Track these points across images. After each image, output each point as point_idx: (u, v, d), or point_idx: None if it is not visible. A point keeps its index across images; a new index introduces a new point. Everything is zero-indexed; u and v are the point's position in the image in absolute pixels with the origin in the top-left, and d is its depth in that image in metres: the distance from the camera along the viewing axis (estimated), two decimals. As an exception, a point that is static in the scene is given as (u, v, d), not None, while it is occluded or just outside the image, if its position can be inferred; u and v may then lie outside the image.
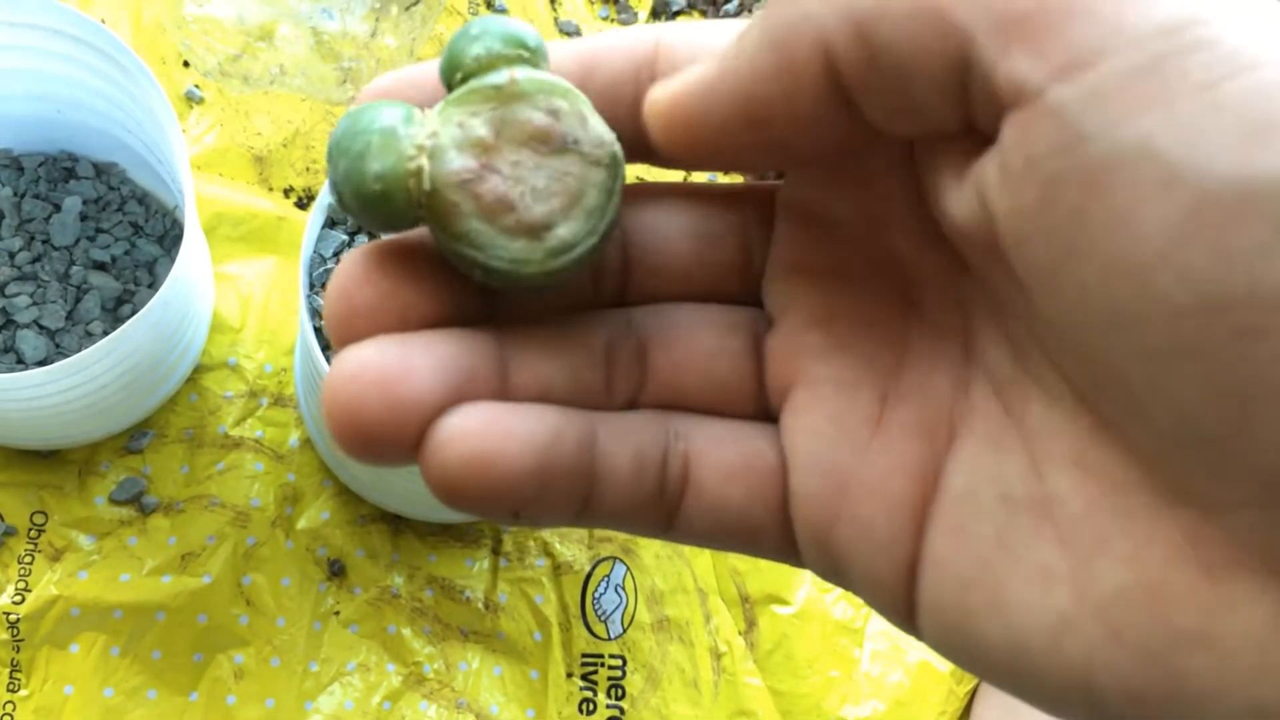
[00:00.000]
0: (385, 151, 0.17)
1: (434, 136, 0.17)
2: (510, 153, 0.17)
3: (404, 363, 0.17)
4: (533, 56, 0.18)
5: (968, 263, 0.18)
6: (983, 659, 0.17)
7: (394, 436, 0.16)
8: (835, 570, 0.19)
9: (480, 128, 0.17)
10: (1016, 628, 0.16)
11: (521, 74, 0.17)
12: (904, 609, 0.18)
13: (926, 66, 0.15)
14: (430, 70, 0.19)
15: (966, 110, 0.15)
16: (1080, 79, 0.14)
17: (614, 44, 0.19)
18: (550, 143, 0.18)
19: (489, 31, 0.18)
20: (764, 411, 0.20)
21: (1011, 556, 0.16)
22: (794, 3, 0.16)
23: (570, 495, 0.18)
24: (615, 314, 0.20)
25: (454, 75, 0.18)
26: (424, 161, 0.17)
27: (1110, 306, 0.14)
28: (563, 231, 0.18)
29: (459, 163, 0.17)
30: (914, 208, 0.19)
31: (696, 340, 0.20)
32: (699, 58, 0.18)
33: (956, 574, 0.17)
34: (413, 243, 0.19)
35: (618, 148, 0.18)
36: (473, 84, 0.17)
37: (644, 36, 0.19)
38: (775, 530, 0.19)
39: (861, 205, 0.19)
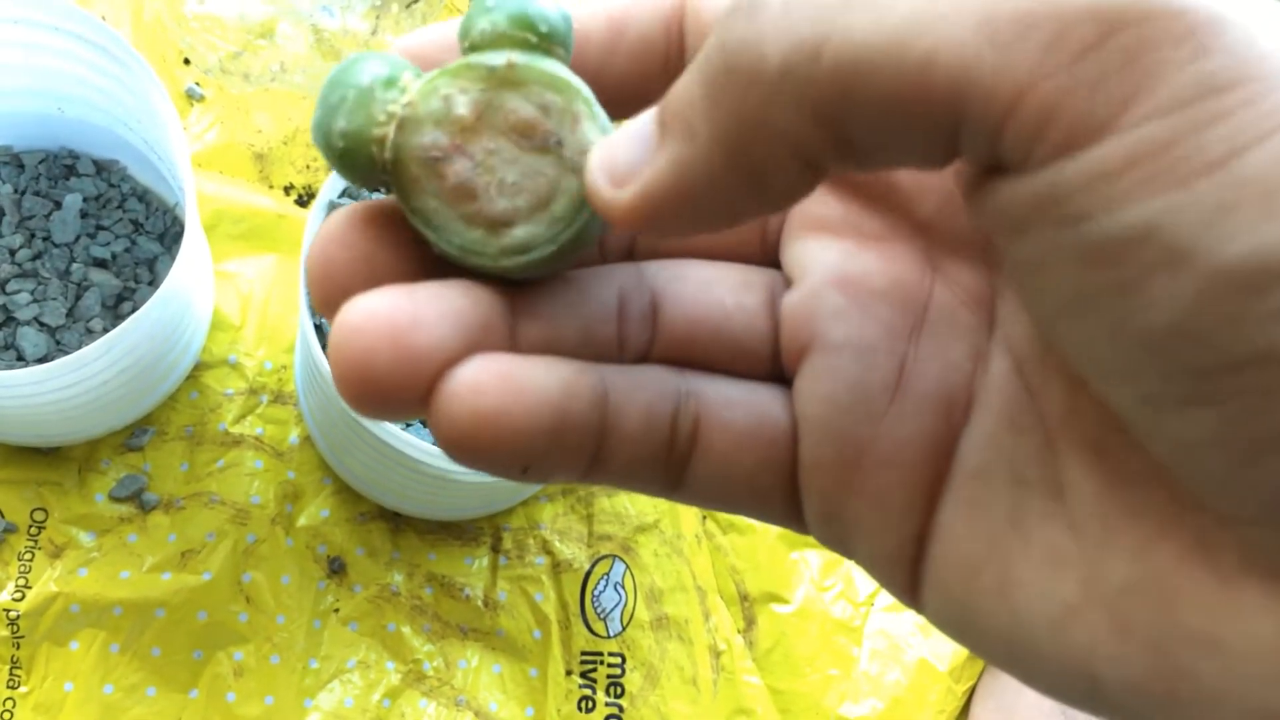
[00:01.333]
0: (356, 111, 0.17)
1: (410, 106, 0.17)
2: (488, 139, 0.17)
3: (414, 311, 0.16)
4: (542, 41, 0.17)
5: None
6: (986, 639, 0.17)
7: (404, 387, 0.16)
8: (841, 540, 0.19)
9: (463, 106, 0.17)
10: (1022, 611, 0.16)
11: (521, 59, 0.17)
12: (909, 583, 0.18)
13: (912, 148, 0.14)
14: (451, 42, 0.18)
15: (965, 161, 0.15)
16: (1081, 157, 0.13)
17: (639, 3, 0.18)
18: (532, 138, 0.17)
19: (501, 6, 0.17)
20: (778, 373, 0.19)
21: (1021, 539, 0.16)
22: (746, 99, 0.14)
23: (581, 451, 0.17)
24: (627, 267, 0.19)
25: (463, 43, 0.17)
26: (390, 130, 0.17)
27: (1116, 360, 0.14)
28: (520, 232, 0.17)
29: (429, 138, 0.17)
30: (939, 171, 0.18)
31: (711, 296, 0.19)
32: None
33: (965, 552, 0.17)
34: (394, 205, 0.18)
35: None
36: (471, 58, 0.17)
37: None
38: (782, 495, 0.19)
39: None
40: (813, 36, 0.13)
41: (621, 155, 0.16)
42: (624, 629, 0.52)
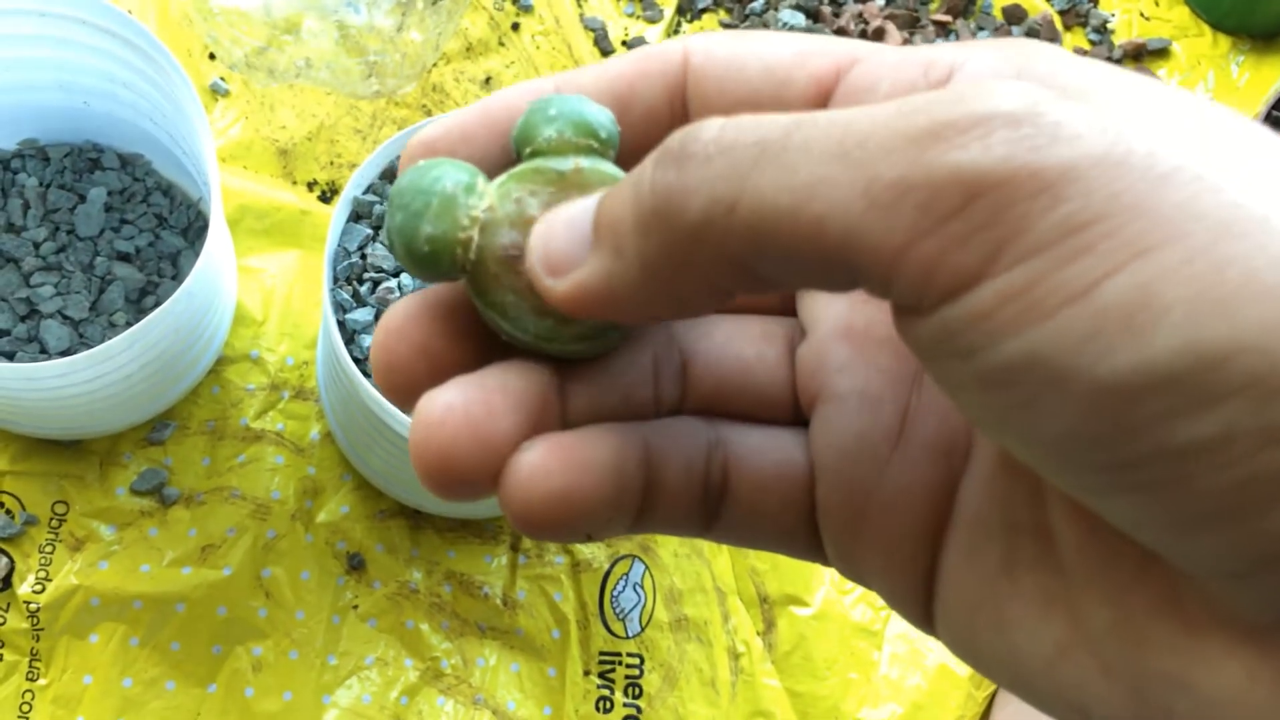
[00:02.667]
0: (442, 217, 0.18)
1: (490, 210, 0.18)
2: None
3: (485, 401, 0.17)
4: (602, 146, 0.18)
5: None
6: (990, 671, 0.18)
7: (485, 475, 0.17)
8: (858, 577, 0.20)
9: (535, 208, 0.18)
10: (1018, 649, 0.17)
11: (587, 164, 0.18)
12: (923, 619, 0.19)
13: (815, 284, 0.16)
14: (476, 119, 0.20)
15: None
16: (962, 301, 0.14)
17: (648, 71, 0.20)
18: None
19: (565, 115, 0.18)
20: (799, 416, 0.21)
21: (1013, 581, 0.17)
22: (669, 240, 0.16)
23: (633, 510, 0.19)
24: (658, 329, 0.20)
25: (524, 148, 0.19)
26: (475, 234, 0.18)
27: (1039, 461, 0.15)
28: (588, 322, 0.18)
29: (508, 238, 0.18)
30: None
31: (734, 350, 0.21)
32: (727, 81, 0.19)
33: (966, 594, 0.18)
34: (453, 293, 0.20)
35: None
36: (539, 163, 0.18)
37: (671, 59, 0.20)
38: (805, 534, 0.20)
39: None
40: (727, 194, 0.15)
41: (558, 245, 0.17)
42: (643, 630, 0.52)
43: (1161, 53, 0.72)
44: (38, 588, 0.48)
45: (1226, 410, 0.13)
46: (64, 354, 0.48)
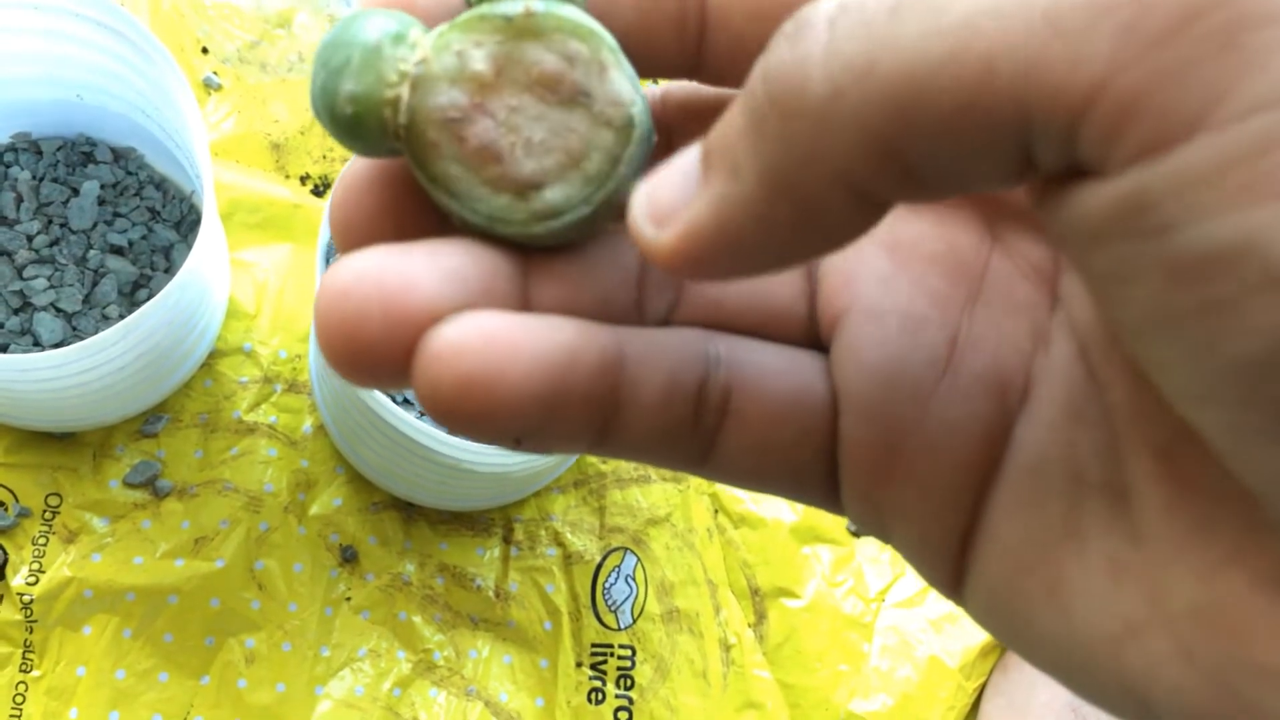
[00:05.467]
0: (364, 71, 0.15)
1: (423, 64, 0.15)
2: (510, 96, 0.15)
3: (406, 272, 0.15)
4: None
5: None
6: (1033, 645, 0.16)
7: (392, 354, 0.14)
8: (879, 525, 0.17)
9: (480, 62, 0.15)
10: (1076, 623, 0.15)
11: (540, 6, 0.15)
12: (951, 577, 0.17)
13: (979, 168, 0.13)
14: None
15: (1038, 172, 0.13)
16: (1167, 161, 0.11)
17: None
18: (558, 91, 0.15)
19: None
20: (814, 338, 0.18)
21: (1078, 544, 0.15)
22: (792, 130, 0.13)
23: (586, 422, 0.15)
24: None
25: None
26: (404, 90, 0.15)
27: (1202, 385, 0.12)
28: (551, 195, 0.16)
29: (447, 98, 0.15)
30: None
31: None
32: None
33: (1016, 553, 0.16)
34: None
35: (637, 110, 0.16)
36: (484, 8, 0.15)
37: None
38: (820, 474, 0.17)
39: None
40: (861, 55, 0.12)
41: (664, 194, 0.14)
42: (634, 621, 0.52)
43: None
44: (31, 580, 0.48)
45: None
46: (57, 346, 0.48)
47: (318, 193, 0.58)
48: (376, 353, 0.14)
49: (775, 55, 0.13)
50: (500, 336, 0.14)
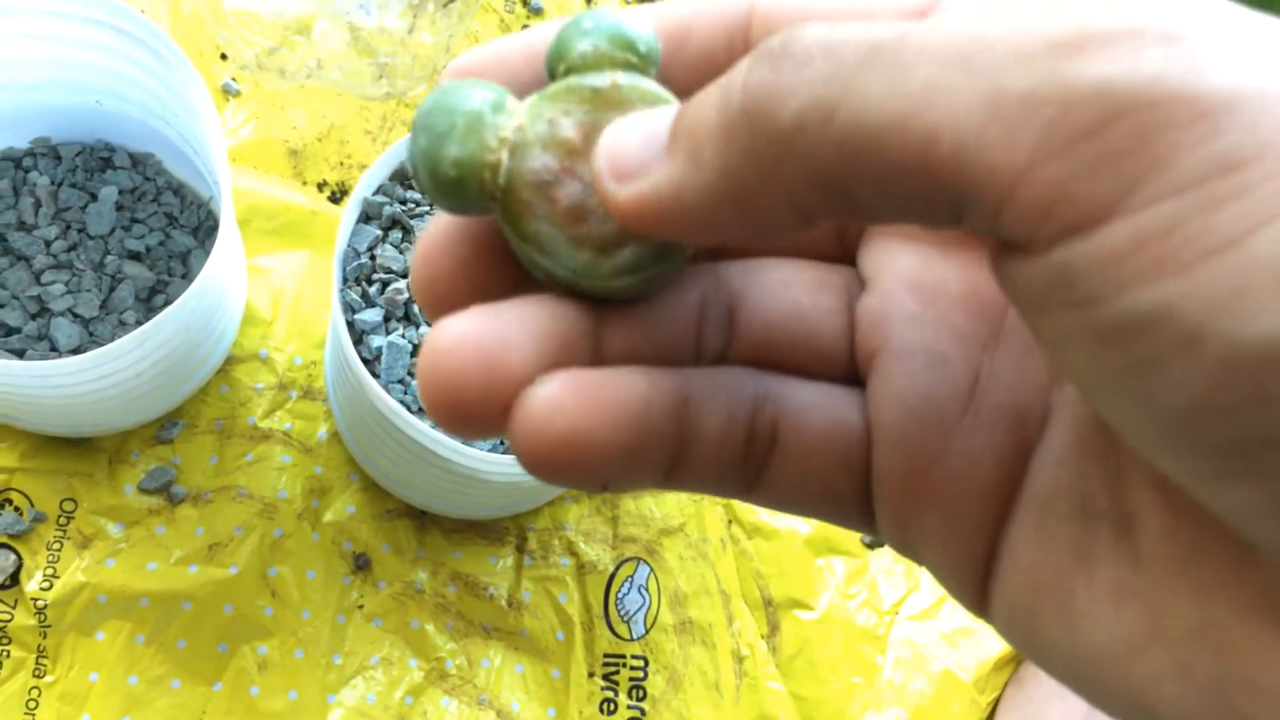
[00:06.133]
0: (468, 137, 0.16)
1: (520, 131, 0.16)
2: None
3: (502, 333, 0.16)
4: (641, 62, 0.17)
5: None
6: (1048, 661, 0.17)
7: (493, 410, 0.16)
8: (911, 548, 0.19)
9: (570, 129, 0.16)
10: (1084, 641, 0.16)
11: (625, 79, 0.17)
12: (977, 597, 0.18)
13: (913, 215, 0.14)
14: (517, 47, 0.18)
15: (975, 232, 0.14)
16: (1089, 241, 0.12)
17: (706, 11, 0.18)
18: None
19: (600, 28, 0.17)
20: (854, 374, 0.19)
21: (1087, 570, 0.16)
22: (757, 147, 0.14)
23: (660, 462, 0.17)
24: (704, 270, 0.19)
25: (557, 66, 0.17)
26: (504, 155, 0.16)
27: (1150, 435, 0.13)
28: (630, 253, 0.17)
29: (540, 162, 0.16)
30: None
31: (787, 297, 0.19)
32: (804, 16, 0.17)
33: (1031, 576, 0.17)
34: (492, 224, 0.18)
35: None
36: (572, 80, 0.17)
37: (735, 1, 0.18)
38: (858, 500, 0.18)
39: None
40: (827, 99, 0.13)
41: (630, 150, 0.16)
42: (647, 632, 0.52)
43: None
44: (45, 585, 0.48)
45: None
46: (74, 352, 0.48)
47: (335, 199, 0.58)
48: (477, 410, 0.16)
49: (757, 73, 0.14)
50: (588, 397, 0.16)
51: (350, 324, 0.46)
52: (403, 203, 0.49)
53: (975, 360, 0.18)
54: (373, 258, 0.48)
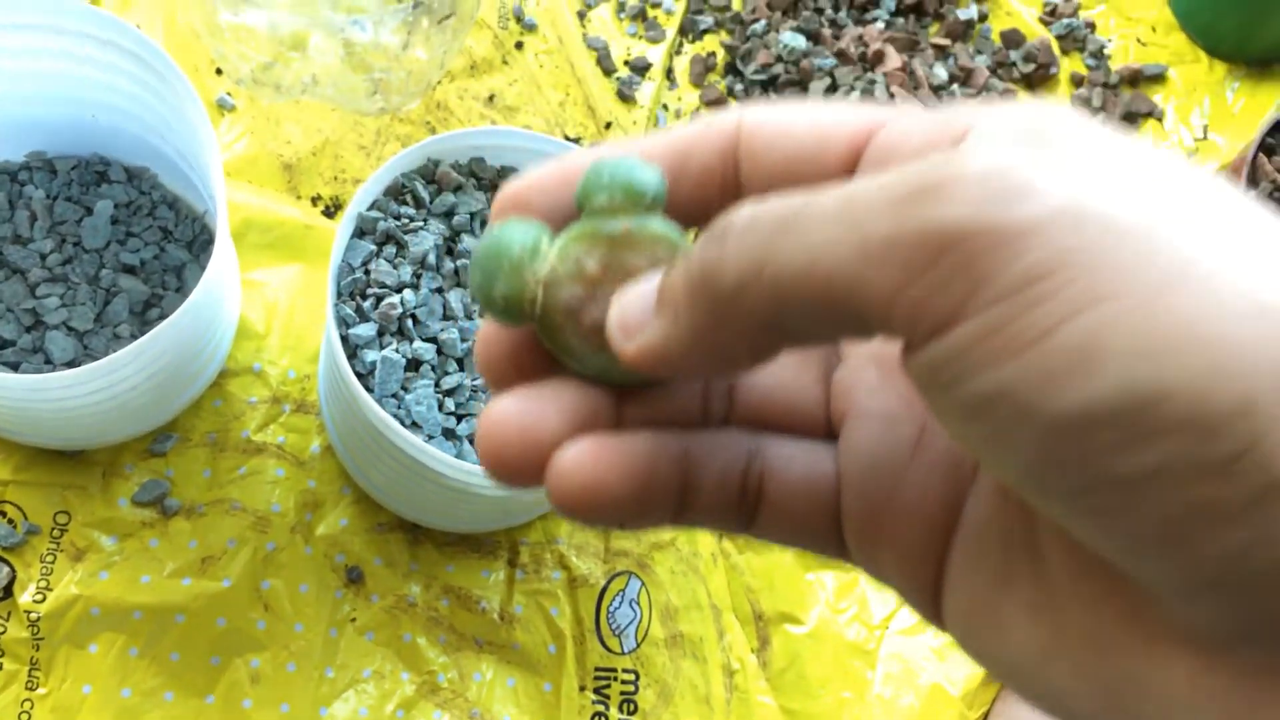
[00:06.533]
0: (511, 279, 0.21)
1: (552, 270, 0.21)
2: (612, 287, 0.21)
3: (538, 411, 0.21)
4: (650, 205, 0.21)
5: None
6: (992, 670, 0.20)
7: (532, 471, 0.20)
8: (879, 577, 0.22)
9: (592, 266, 0.21)
10: (1011, 651, 0.19)
11: (635, 224, 0.21)
12: (934, 616, 0.21)
13: (836, 335, 0.19)
14: (555, 176, 0.22)
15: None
16: (943, 340, 0.16)
17: (702, 135, 0.22)
18: None
19: (615, 182, 0.21)
20: (832, 432, 0.23)
21: (1008, 589, 0.19)
22: (713, 306, 0.18)
23: (666, 507, 0.21)
24: None
25: (583, 206, 0.21)
26: (539, 292, 0.21)
27: (1016, 485, 0.17)
28: None
29: (568, 293, 0.21)
30: None
31: (777, 372, 0.23)
32: (775, 139, 0.21)
33: (968, 597, 0.20)
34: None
35: None
36: (595, 225, 0.21)
37: (726, 125, 0.22)
38: (835, 537, 0.22)
39: None
40: (756, 261, 0.18)
41: (631, 312, 0.20)
42: (638, 646, 0.53)
43: (1158, 78, 0.73)
44: (38, 597, 0.48)
45: (1162, 445, 0.15)
46: (68, 365, 0.48)
47: (329, 214, 0.58)
48: (521, 469, 0.20)
49: (704, 251, 0.19)
50: (604, 456, 0.20)
51: (344, 338, 0.47)
52: (397, 218, 0.49)
53: (920, 419, 0.22)
54: (367, 273, 0.48)
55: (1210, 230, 0.16)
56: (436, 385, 0.48)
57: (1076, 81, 0.72)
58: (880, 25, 0.70)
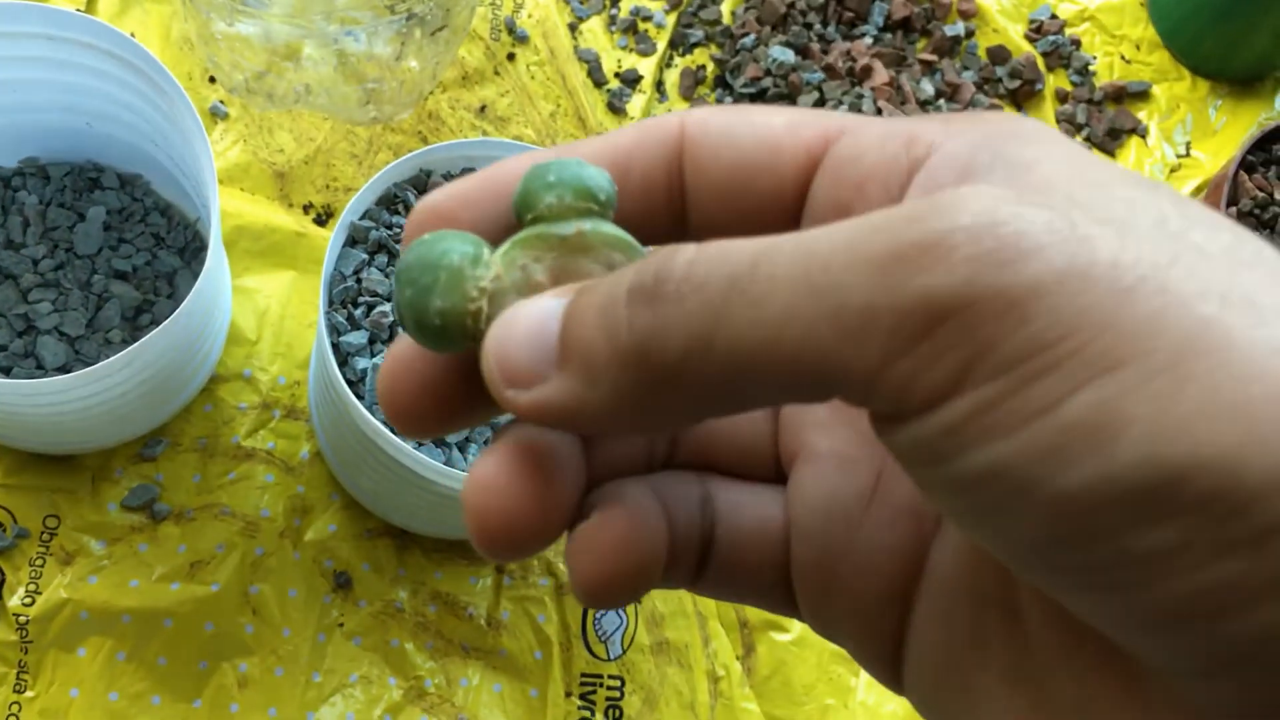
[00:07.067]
0: (450, 291, 0.18)
1: (497, 279, 0.18)
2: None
3: (534, 494, 0.18)
4: (602, 208, 0.19)
5: None
6: None
7: (531, 551, 0.19)
8: (830, 634, 0.21)
9: (540, 274, 0.18)
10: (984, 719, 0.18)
11: (588, 226, 0.19)
12: (892, 679, 0.20)
13: (795, 401, 0.17)
14: (480, 187, 0.20)
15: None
16: (933, 416, 0.15)
17: (644, 141, 0.20)
18: None
19: (564, 181, 0.19)
20: (783, 474, 0.21)
21: (981, 652, 0.18)
22: (653, 379, 0.16)
23: (659, 571, 0.20)
24: None
25: (525, 214, 0.19)
26: (484, 304, 0.18)
27: (1007, 559, 0.16)
28: None
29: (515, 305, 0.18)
30: None
31: None
32: (721, 149, 0.19)
33: (934, 658, 0.19)
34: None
35: None
36: (542, 229, 0.19)
37: (668, 129, 0.20)
38: (783, 591, 0.21)
39: None
40: (702, 333, 0.15)
41: (517, 356, 0.17)
42: (624, 652, 0.53)
43: (1142, 95, 0.73)
44: (27, 600, 0.48)
45: (1184, 522, 0.13)
46: (60, 370, 0.49)
47: (320, 221, 0.59)
48: (518, 552, 0.18)
49: (641, 315, 0.16)
50: (619, 544, 0.18)
51: (335, 346, 0.47)
52: (388, 227, 0.49)
53: (878, 461, 0.20)
54: (358, 281, 0.48)
55: (1224, 279, 0.14)
56: (426, 392, 0.48)
57: (1061, 98, 0.73)
58: (868, 40, 0.71)
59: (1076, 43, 0.75)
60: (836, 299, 0.15)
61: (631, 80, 0.67)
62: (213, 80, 0.60)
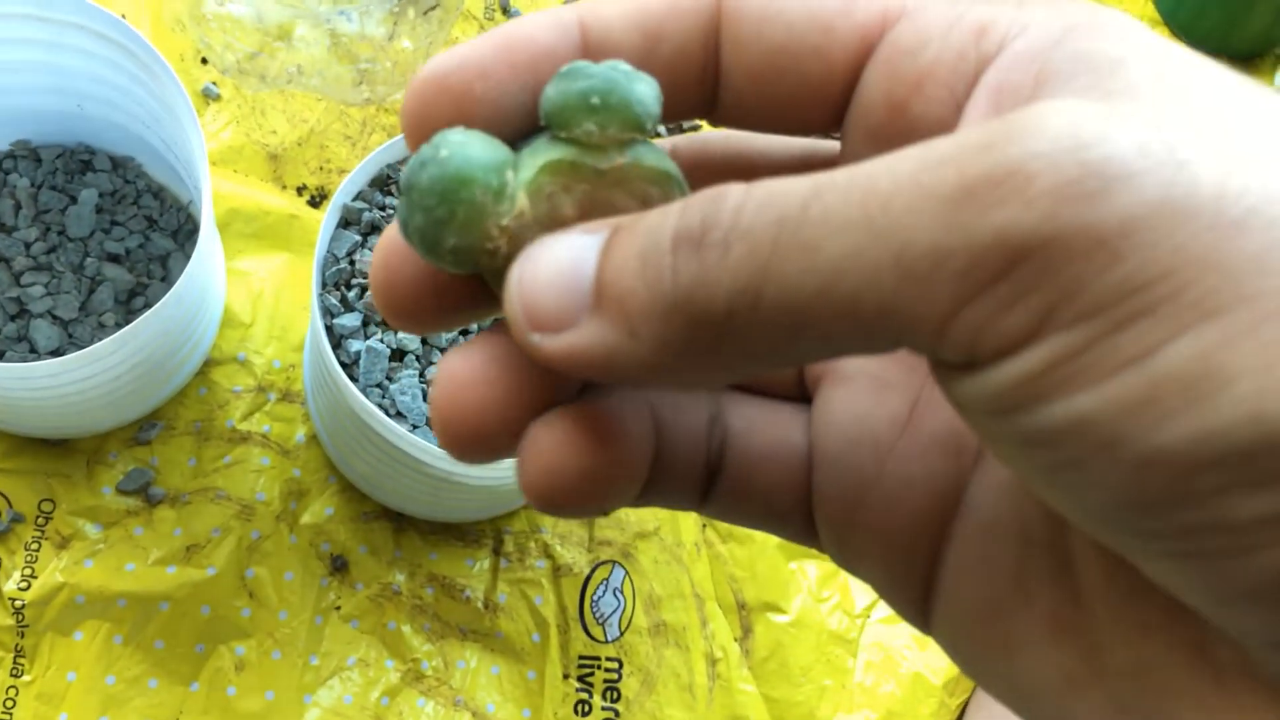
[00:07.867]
0: (468, 229, 0.16)
1: (520, 217, 0.16)
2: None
3: (502, 383, 0.17)
4: (645, 133, 0.17)
5: None
6: (989, 685, 0.17)
7: (497, 450, 0.17)
8: (852, 568, 0.19)
9: (568, 206, 0.17)
10: (1023, 671, 0.16)
11: (629, 159, 0.17)
12: (918, 616, 0.18)
13: (855, 354, 0.15)
14: (497, 55, 0.17)
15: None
16: (1009, 363, 0.13)
17: (679, 5, 0.18)
18: None
19: (609, 106, 0.16)
20: (805, 392, 0.20)
21: (1026, 599, 0.16)
22: (696, 333, 0.15)
23: (637, 481, 0.18)
24: None
25: (557, 128, 0.17)
26: (503, 244, 0.16)
27: (1081, 520, 0.14)
28: None
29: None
30: None
31: None
32: (765, 24, 0.17)
33: (971, 601, 0.17)
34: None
35: None
36: (576, 156, 0.17)
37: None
38: (800, 517, 0.19)
39: None
40: (751, 285, 0.14)
41: (546, 297, 0.16)
42: (622, 634, 0.53)
43: (1141, 73, 0.73)
44: (23, 585, 0.48)
45: None
46: (53, 354, 0.49)
47: (314, 203, 0.58)
48: (482, 450, 0.17)
49: (684, 264, 0.15)
50: (576, 440, 0.17)
51: (329, 328, 0.47)
52: (382, 209, 0.49)
53: (915, 387, 0.18)
54: (352, 263, 0.48)
55: None
56: (421, 375, 0.48)
57: (1060, 75, 0.72)
58: None
59: (1075, 20, 0.74)
60: (900, 240, 0.13)
61: (627, 60, 0.67)
62: (205, 61, 0.60)
